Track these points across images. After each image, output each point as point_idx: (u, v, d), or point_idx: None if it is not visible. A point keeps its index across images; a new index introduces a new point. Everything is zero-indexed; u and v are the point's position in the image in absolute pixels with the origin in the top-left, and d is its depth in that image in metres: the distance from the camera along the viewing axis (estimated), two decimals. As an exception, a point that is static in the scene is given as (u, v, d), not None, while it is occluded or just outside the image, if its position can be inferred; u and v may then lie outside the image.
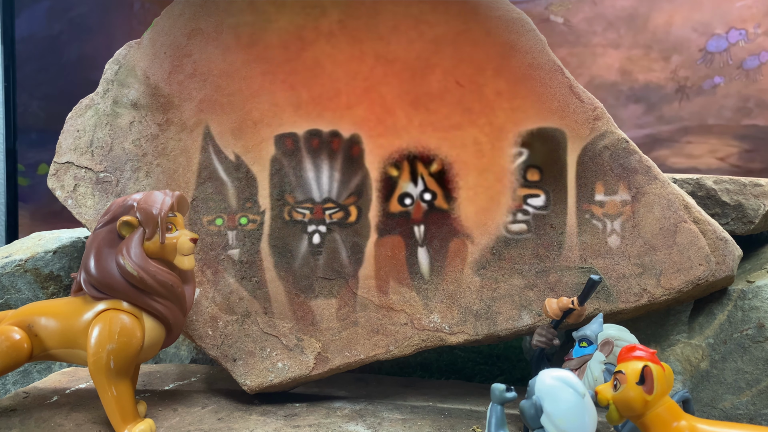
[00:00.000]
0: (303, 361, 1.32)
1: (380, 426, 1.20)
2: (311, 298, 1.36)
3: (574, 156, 1.33)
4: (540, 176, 1.34)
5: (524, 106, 1.35)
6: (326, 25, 1.42)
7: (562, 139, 1.34)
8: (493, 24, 1.37)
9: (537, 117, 1.34)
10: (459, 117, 1.37)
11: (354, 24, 1.41)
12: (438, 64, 1.39)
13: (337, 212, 1.38)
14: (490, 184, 1.35)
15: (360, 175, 1.38)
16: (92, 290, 1.13)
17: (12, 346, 1.12)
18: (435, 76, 1.38)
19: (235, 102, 1.42)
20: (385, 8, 1.41)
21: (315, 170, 1.39)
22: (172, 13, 1.44)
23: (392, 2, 1.41)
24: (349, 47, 1.41)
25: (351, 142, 1.39)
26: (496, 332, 1.29)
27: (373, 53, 1.41)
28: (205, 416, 1.25)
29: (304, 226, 1.38)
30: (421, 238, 1.36)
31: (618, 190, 1.31)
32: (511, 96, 1.36)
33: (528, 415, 0.90)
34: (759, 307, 1.24)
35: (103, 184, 1.41)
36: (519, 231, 1.33)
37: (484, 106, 1.36)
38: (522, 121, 1.35)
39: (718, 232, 1.27)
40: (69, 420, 1.20)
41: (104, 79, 1.45)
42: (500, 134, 1.35)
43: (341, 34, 1.41)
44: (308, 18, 1.42)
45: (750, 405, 1.19)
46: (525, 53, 1.34)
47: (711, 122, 2.34)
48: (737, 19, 2.31)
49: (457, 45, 1.39)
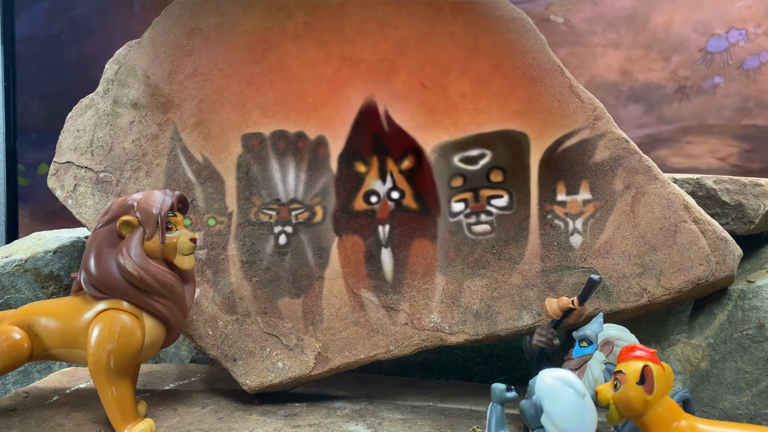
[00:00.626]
0: (303, 360, 1.32)
1: (380, 426, 1.20)
2: (278, 297, 1.36)
3: (536, 158, 1.34)
4: (503, 177, 1.35)
5: (488, 108, 1.36)
6: (292, 27, 1.43)
7: (525, 141, 1.34)
8: (457, 26, 1.38)
9: (500, 119, 1.35)
10: (423, 118, 1.37)
11: (319, 26, 1.42)
12: (403, 66, 1.40)
13: (303, 212, 1.38)
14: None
15: (326, 176, 1.39)
16: (92, 290, 1.13)
17: (12, 345, 1.11)
18: (400, 78, 1.39)
19: (202, 103, 1.42)
20: (350, 10, 1.42)
21: (281, 171, 1.40)
22: (172, 13, 1.44)
23: (357, 4, 1.41)
24: (314, 49, 1.42)
25: (317, 144, 1.40)
26: (496, 332, 1.29)
27: (338, 55, 1.41)
28: (206, 416, 1.25)
29: (270, 227, 1.38)
30: (385, 238, 1.37)
31: (579, 189, 1.32)
32: (474, 98, 1.36)
33: (528, 414, 0.90)
34: (759, 307, 1.24)
35: (103, 184, 1.41)
36: (482, 232, 1.34)
37: (448, 108, 1.37)
38: (486, 123, 1.36)
39: (718, 232, 1.27)
40: (69, 420, 1.20)
41: (104, 79, 1.45)
42: (464, 135, 1.36)
43: (307, 35, 1.42)
44: (274, 20, 1.43)
45: (750, 405, 1.19)
46: (525, 53, 1.34)
47: (711, 122, 2.34)
48: (737, 19, 2.31)
49: (422, 47, 1.40)
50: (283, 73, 1.42)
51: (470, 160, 1.36)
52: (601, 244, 1.29)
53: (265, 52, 1.43)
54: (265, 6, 1.43)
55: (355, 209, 1.38)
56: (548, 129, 1.34)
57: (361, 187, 1.39)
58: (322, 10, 1.43)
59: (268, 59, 1.43)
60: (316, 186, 1.39)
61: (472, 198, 1.35)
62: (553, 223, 1.32)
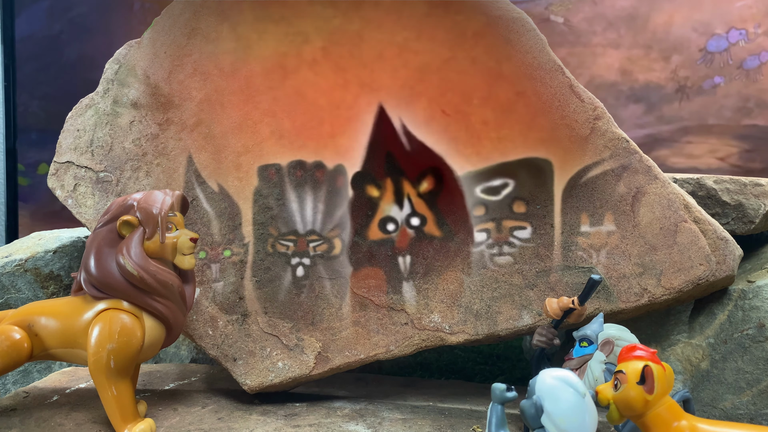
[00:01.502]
0: (303, 360, 1.32)
1: (380, 426, 1.20)
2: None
3: (560, 187, 1.31)
4: (526, 208, 1.32)
5: (511, 136, 1.33)
6: (309, 53, 1.40)
7: (549, 170, 1.31)
8: (480, 52, 1.35)
9: (524, 147, 1.32)
10: (445, 146, 1.34)
11: (337, 51, 1.39)
12: (423, 93, 1.36)
13: (321, 244, 1.35)
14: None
15: (344, 206, 1.35)
16: (92, 290, 1.13)
17: (12, 345, 1.11)
18: (420, 105, 1.36)
19: (217, 131, 1.40)
20: (369, 36, 1.39)
21: (299, 202, 1.36)
22: (172, 13, 1.44)
23: (377, 29, 1.39)
24: (332, 75, 1.39)
25: (335, 173, 1.36)
26: (496, 332, 1.29)
27: (357, 81, 1.38)
28: (206, 416, 1.25)
29: (287, 259, 1.36)
30: (406, 270, 1.33)
31: (603, 221, 1.29)
32: (497, 125, 1.33)
33: (528, 414, 0.90)
34: (759, 306, 1.24)
35: (103, 184, 1.40)
36: (505, 264, 1.31)
37: (470, 136, 1.34)
38: (509, 151, 1.33)
39: (718, 231, 1.27)
40: (69, 419, 1.20)
41: (104, 79, 1.45)
42: (487, 163, 1.33)
43: (324, 61, 1.39)
44: (291, 45, 1.40)
45: (750, 405, 1.19)
46: (525, 53, 1.34)
47: (711, 122, 2.34)
48: (737, 19, 2.31)
49: (443, 73, 1.36)
50: (299, 100, 1.39)
51: (493, 190, 1.32)
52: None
53: (281, 79, 1.40)
54: (282, 31, 1.40)
55: (371, 238, 1.34)
56: (573, 157, 1.31)
57: (375, 214, 1.35)
58: (340, 35, 1.39)
59: (285, 86, 1.39)
60: (334, 217, 1.36)
61: (494, 228, 1.32)
62: (576, 255, 1.29)
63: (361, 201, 1.35)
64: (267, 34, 1.41)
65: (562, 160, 1.31)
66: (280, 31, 1.41)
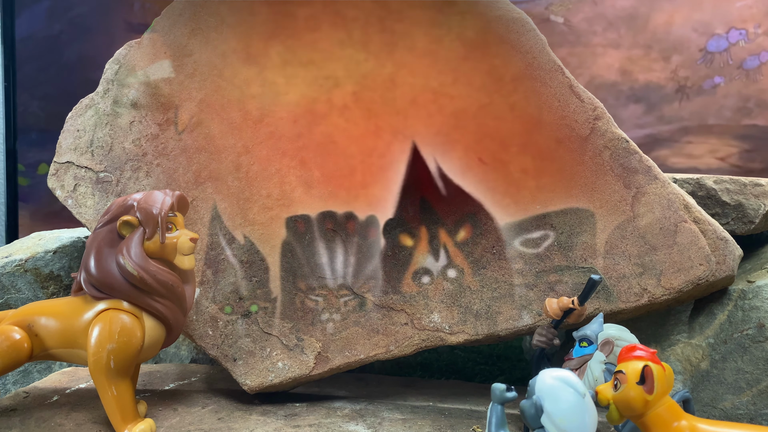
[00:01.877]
0: (303, 360, 1.32)
1: (380, 426, 1.20)
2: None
3: (603, 239, 1.26)
4: (567, 261, 1.27)
5: (551, 185, 1.29)
6: (339, 98, 1.34)
7: (591, 220, 1.27)
8: (518, 97, 1.30)
9: (565, 196, 1.28)
10: (482, 197, 1.29)
11: (369, 97, 1.34)
12: (459, 140, 1.31)
13: (352, 300, 1.32)
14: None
15: (376, 259, 1.30)
16: (92, 290, 1.13)
17: (12, 345, 1.11)
18: (456, 153, 1.31)
19: (243, 181, 1.35)
20: (402, 80, 1.34)
21: (329, 255, 1.31)
22: (172, 13, 1.44)
23: (410, 74, 1.33)
24: (364, 121, 1.33)
25: (367, 224, 1.31)
26: (496, 332, 1.29)
27: (389, 128, 1.33)
28: (206, 416, 1.25)
29: (317, 315, 1.32)
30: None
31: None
32: (537, 174, 1.29)
33: (528, 414, 0.90)
34: (759, 307, 1.24)
35: (103, 184, 1.40)
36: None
37: (508, 185, 1.30)
38: (549, 201, 1.29)
39: (718, 231, 1.27)
40: (69, 420, 1.20)
41: (104, 79, 1.45)
42: (526, 214, 1.29)
43: (356, 107, 1.34)
44: (320, 90, 1.35)
45: (750, 405, 1.19)
46: (525, 53, 1.34)
47: (711, 122, 2.34)
48: (737, 19, 2.31)
49: (480, 119, 1.31)
50: (329, 147, 1.34)
51: (532, 242, 1.29)
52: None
53: (310, 125, 1.34)
54: (311, 75, 1.35)
55: (404, 291, 1.30)
56: (616, 208, 1.28)
57: (409, 265, 1.31)
58: (372, 80, 1.34)
59: (314, 132, 1.34)
60: (365, 270, 1.31)
61: (533, 283, 1.28)
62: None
63: (394, 251, 1.31)
64: (295, 78, 1.36)
65: (605, 210, 1.28)
66: (309, 75, 1.36)
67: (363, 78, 1.35)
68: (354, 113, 1.34)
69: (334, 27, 1.38)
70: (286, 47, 1.37)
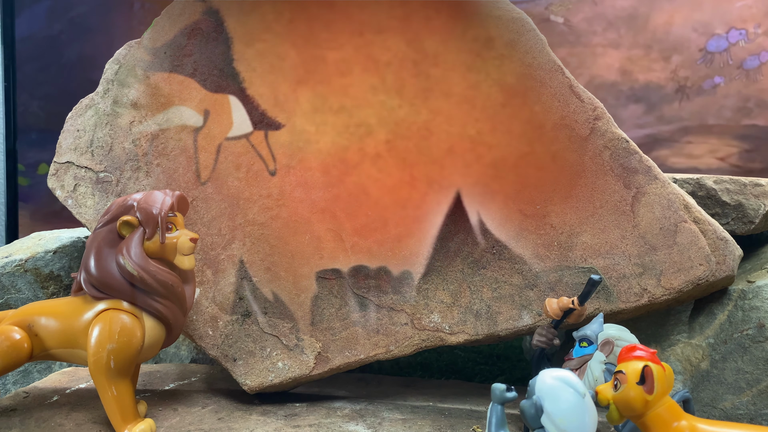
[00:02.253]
0: (303, 360, 1.32)
1: (380, 426, 1.20)
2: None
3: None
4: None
5: (593, 243, 1.25)
6: (372, 147, 1.29)
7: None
8: (560, 146, 1.25)
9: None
10: (521, 251, 1.27)
11: (403, 145, 1.28)
12: (499, 191, 1.27)
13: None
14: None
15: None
16: (92, 290, 1.13)
17: (12, 345, 1.11)
18: (495, 204, 1.27)
19: (270, 234, 1.31)
20: (438, 128, 1.28)
21: (360, 311, 1.29)
22: (172, 13, 1.44)
23: (447, 122, 1.28)
24: (398, 171, 1.28)
25: (401, 280, 1.28)
26: (496, 332, 1.29)
27: (424, 178, 1.28)
28: (206, 416, 1.25)
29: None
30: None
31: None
32: (580, 224, 1.27)
33: (528, 415, 0.90)
34: (759, 307, 1.24)
35: (103, 184, 1.40)
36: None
37: (551, 238, 1.27)
38: (590, 257, 1.26)
39: (718, 231, 1.27)
40: (69, 420, 1.20)
41: (104, 79, 1.45)
42: (566, 263, 1.26)
43: (389, 156, 1.29)
44: (352, 138, 1.30)
45: (750, 405, 1.19)
46: (525, 53, 1.34)
47: (711, 122, 2.34)
48: (737, 19, 2.31)
49: (520, 169, 1.27)
50: (361, 198, 1.29)
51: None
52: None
53: (341, 175, 1.29)
54: (342, 122, 1.30)
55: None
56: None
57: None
58: (406, 128, 1.29)
59: (345, 182, 1.29)
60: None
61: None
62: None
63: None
64: (326, 126, 1.31)
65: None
66: (340, 122, 1.31)
67: (397, 125, 1.30)
68: (387, 162, 1.29)
69: (366, 72, 1.32)
70: (316, 93, 1.33)
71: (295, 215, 1.31)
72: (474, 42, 1.32)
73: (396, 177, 1.29)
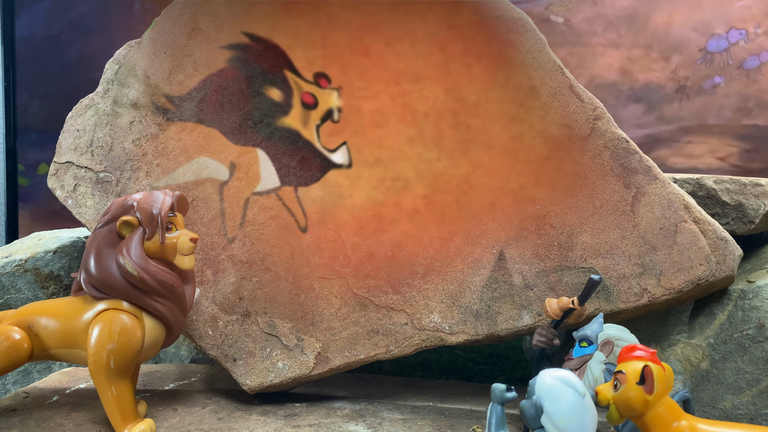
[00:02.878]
0: (303, 360, 1.32)
1: (380, 426, 1.20)
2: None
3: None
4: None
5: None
6: (409, 202, 1.24)
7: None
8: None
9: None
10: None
11: (442, 200, 1.23)
12: (541, 245, 1.24)
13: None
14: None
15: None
16: (92, 290, 1.13)
17: (12, 346, 1.11)
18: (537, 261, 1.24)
19: (299, 297, 1.28)
20: (479, 182, 1.23)
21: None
22: (172, 13, 1.44)
23: (488, 175, 1.24)
24: (436, 227, 1.24)
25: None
26: (496, 332, 1.29)
27: (463, 233, 1.24)
28: (206, 416, 1.25)
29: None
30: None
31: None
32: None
33: (528, 415, 0.90)
34: (759, 307, 1.24)
35: (103, 184, 1.40)
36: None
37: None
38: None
39: (718, 231, 1.27)
40: (69, 420, 1.20)
41: (104, 79, 1.45)
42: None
43: (427, 212, 1.24)
44: (388, 193, 1.25)
45: (750, 405, 1.19)
46: (525, 53, 1.34)
47: (711, 122, 2.34)
48: (737, 19, 2.31)
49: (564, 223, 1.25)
50: (398, 256, 1.25)
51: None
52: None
53: (376, 231, 1.25)
54: (377, 176, 1.24)
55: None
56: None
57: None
58: (445, 182, 1.24)
59: (380, 240, 1.26)
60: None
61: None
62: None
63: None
64: (360, 179, 1.26)
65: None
66: (375, 176, 1.26)
67: (435, 179, 1.25)
68: (425, 218, 1.24)
69: (403, 122, 1.27)
70: (350, 145, 1.29)
71: (329, 274, 1.27)
72: (517, 91, 1.27)
73: (434, 233, 1.24)
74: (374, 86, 1.31)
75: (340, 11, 1.32)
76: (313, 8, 1.32)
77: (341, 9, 1.32)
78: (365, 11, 1.30)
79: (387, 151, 1.27)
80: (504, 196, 1.25)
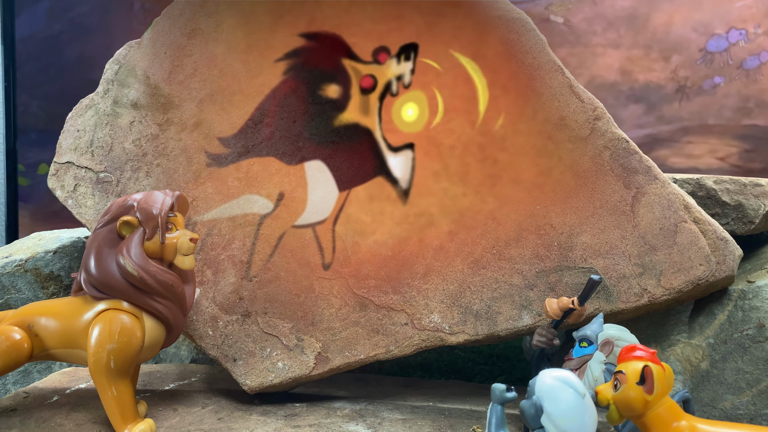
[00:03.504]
0: (303, 361, 1.32)
1: (380, 426, 1.20)
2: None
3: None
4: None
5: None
6: (434, 238, 1.22)
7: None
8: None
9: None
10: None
11: (468, 236, 1.21)
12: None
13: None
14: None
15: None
16: (92, 290, 1.13)
17: (12, 346, 1.11)
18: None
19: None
20: (506, 218, 1.21)
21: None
22: (172, 13, 1.44)
23: (515, 210, 1.22)
24: (461, 263, 1.23)
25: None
26: (496, 332, 1.29)
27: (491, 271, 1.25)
28: (206, 416, 1.25)
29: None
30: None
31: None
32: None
33: (528, 415, 0.90)
34: (759, 307, 1.24)
35: (103, 184, 1.41)
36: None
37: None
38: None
39: (718, 232, 1.27)
40: (69, 420, 1.20)
41: (104, 79, 1.45)
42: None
43: (451, 245, 1.23)
44: (411, 229, 1.22)
45: (750, 405, 1.19)
46: (525, 53, 1.34)
47: (711, 122, 2.34)
48: (737, 19, 2.31)
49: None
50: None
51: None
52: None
53: (399, 269, 1.24)
54: (400, 212, 1.22)
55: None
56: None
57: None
58: (471, 217, 1.20)
59: (404, 277, 1.26)
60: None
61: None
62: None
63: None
64: (383, 215, 1.23)
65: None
66: (398, 212, 1.23)
67: (460, 215, 1.22)
68: (450, 255, 1.21)
69: (428, 156, 1.24)
70: (373, 180, 1.26)
71: (352, 307, 1.27)
72: (545, 124, 1.24)
73: (458, 269, 1.23)
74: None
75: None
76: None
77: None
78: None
79: (411, 187, 1.25)
80: (529, 231, 1.23)
